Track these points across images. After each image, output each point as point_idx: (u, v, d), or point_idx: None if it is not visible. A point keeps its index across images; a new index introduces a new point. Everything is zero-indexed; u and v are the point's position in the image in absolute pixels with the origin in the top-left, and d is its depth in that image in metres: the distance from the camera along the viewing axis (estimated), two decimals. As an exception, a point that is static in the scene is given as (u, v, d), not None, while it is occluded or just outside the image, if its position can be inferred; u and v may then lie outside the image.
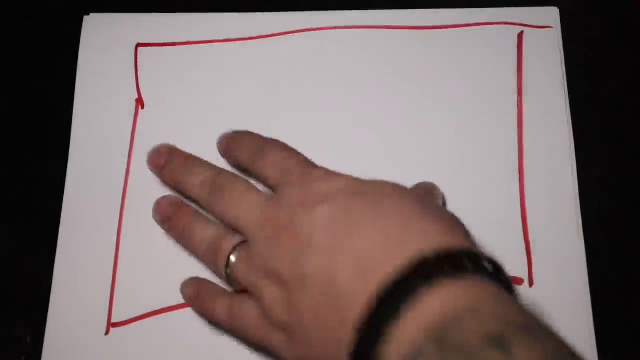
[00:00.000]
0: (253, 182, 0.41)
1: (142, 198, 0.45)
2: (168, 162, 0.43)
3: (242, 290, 0.38)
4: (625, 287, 0.43)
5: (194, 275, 0.43)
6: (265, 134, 0.45)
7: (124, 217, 0.45)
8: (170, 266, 0.44)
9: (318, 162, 0.46)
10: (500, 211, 0.44)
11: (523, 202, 0.44)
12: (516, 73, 0.47)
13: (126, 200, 0.45)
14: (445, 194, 0.44)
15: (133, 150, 0.47)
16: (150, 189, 0.45)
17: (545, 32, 0.48)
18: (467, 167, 0.45)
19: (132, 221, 0.45)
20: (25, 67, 0.50)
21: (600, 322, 0.41)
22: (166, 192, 0.45)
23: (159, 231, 0.44)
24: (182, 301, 0.42)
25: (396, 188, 0.36)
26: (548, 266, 0.43)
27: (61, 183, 0.46)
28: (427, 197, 0.41)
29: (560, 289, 0.42)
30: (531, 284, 0.42)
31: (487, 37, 0.48)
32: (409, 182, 0.45)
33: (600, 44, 0.48)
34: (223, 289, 0.40)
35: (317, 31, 0.49)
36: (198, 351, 0.42)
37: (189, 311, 0.43)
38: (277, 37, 0.49)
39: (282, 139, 0.46)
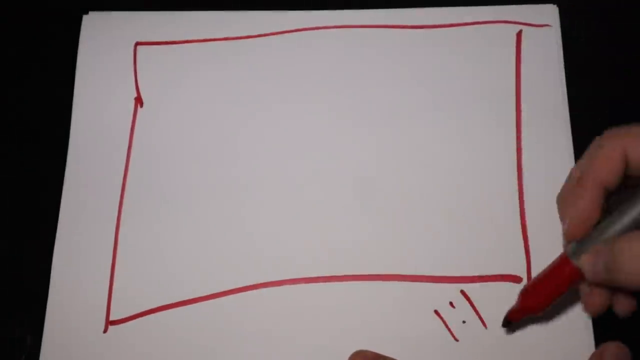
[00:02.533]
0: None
1: (140, 196, 0.45)
2: None
3: None
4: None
5: (193, 274, 0.43)
6: (264, 133, 0.46)
7: (122, 215, 0.45)
8: (168, 264, 0.44)
9: (317, 161, 0.46)
10: (499, 210, 0.44)
11: (522, 201, 0.44)
12: (515, 72, 0.47)
13: (125, 199, 0.45)
14: (444, 193, 0.44)
15: (132, 148, 0.47)
16: (149, 188, 0.46)
17: (544, 30, 0.48)
18: (466, 166, 0.45)
19: (130, 219, 0.45)
20: (24, 66, 0.50)
21: (599, 320, 0.41)
22: (165, 191, 0.45)
23: (157, 229, 0.45)
24: (179, 299, 0.43)
25: None
26: (547, 265, 0.42)
27: (60, 181, 0.46)
28: None
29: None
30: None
31: (485, 35, 0.48)
32: (407, 180, 0.45)
33: (600, 42, 0.48)
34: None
35: (315, 30, 0.49)
36: (196, 349, 0.42)
37: (187, 309, 0.43)
38: (276, 35, 0.49)
39: (281, 139, 0.46)
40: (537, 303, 0.38)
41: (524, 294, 0.39)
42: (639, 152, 0.34)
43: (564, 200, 0.36)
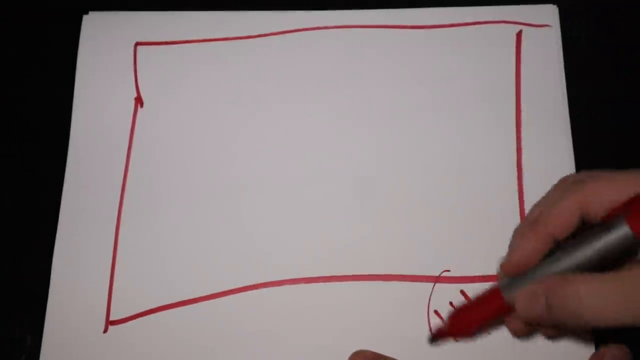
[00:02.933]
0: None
1: (140, 196, 0.45)
2: None
3: None
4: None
5: (193, 274, 0.43)
6: (264, 133, 0.45)
7: (122, 215, 0.45)
8: (168, 264, 0.44)
9: (317, 161, 0.46)
10: (499, 210, 0.44)
11: (521, 201, 0.44)
12: (515, 72, 0.47)
13: (125, 199, 0.45)
14: (443, 193, 0.44)
15: (132, 148, 0.47)
16: (149, 188, 0.46)
17: (544, 30, 0.48)
18: (466, 166, 0.45)
19: (130, 220, 0.45)
20: (24, 66, 0.50)
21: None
22: (165, 192, 0.45)
23: (157, 229, 0.45)
24: (179, 299, 0.43)
25: None
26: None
27: (60, 181, 0.46)
28: None
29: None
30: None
31: (486, 35, 0.48)
32: (407, 180, 0.45)
33: (600, 42, 0.48)
34: None
35: (315, 30, 0.49)
36: (196, 349, 0.42)
37: (186, 309, 0.43)
38: (276, 35, 0.49)
39: (281, 139, 0.46)
40: (464, 329, 0.39)
41: (451, 317, 0.39)
42: (597, 206, 0.34)
43: (515, 236, 0.37)
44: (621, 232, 0.33)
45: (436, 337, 0.40)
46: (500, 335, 0.41)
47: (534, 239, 0.35)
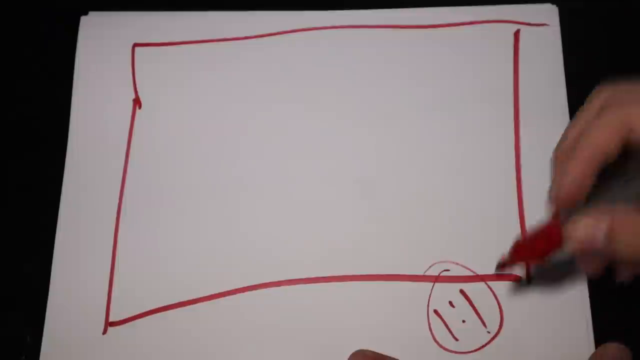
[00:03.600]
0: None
1: (139, 197, 0.45)
2: None
3: None
4: (623, 284, 0.43)
5: (193, 275, 0.43)
6: (262, 133, 0.45)
7: (121, 216, 0.45)
8: (167, 265, 0.44)
9: (317, 161, 0.46)
10: (498, 210, 0.44)
11: (521, 201, 0.44)
12: (513, 71, 0.47)
13: (123, 200, 0.45)
14: (442, 192, 0.44)
15: (130, 150, 0.47)
16: (148, 188, 0.46)
17: (543, 29, 0.48)
18: (465, 165, 0.45)
19: (129, 221, 0.45)
20: (24, 66, 0.50)
21: (598, 319, 0.41)
22: (164, 193, 0.45)
23: (155, 230, 0.45)
24: (179, 300, 0.43)
25: None
26: (546, 264, 0.43)
27: (59, 182, 0.46)
28: None
29: (558, 287, 0.42)
30: (529, 282, 0.42)
31: (484, 35, 0.48)
32: (406, 180, 0.45)
33: (600, 42, 0.48)
34: None
35: (315, 30, 0.49)
36: (195, 349, 0.42)
37: (186, 310, 0.43)
38: (275, 36, 0.49)
39: (280, 139, 0.46)
40: (526, 261, 0.39)
41: (514, 252, 0.38)
42: None
43: (556, 163, 0.35)
44: None
45: (500, 268, 0.39)
46: (501, 335, 0.41)
47: (580, 163, 0.33)
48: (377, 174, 0.45)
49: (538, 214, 0.43)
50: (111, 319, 0.43)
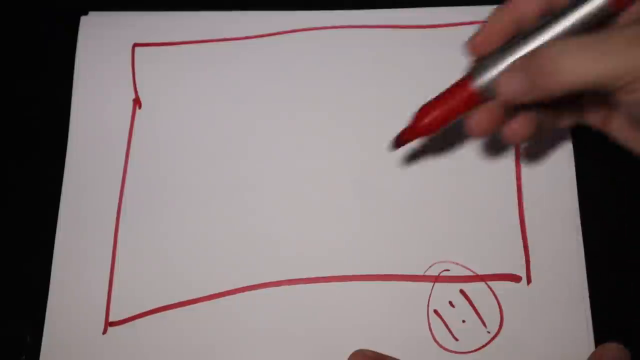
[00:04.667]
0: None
1: (139, 197, 0.45)
2: None
3: None
4: (623, 284, 0.43)
5: (192, 275, 0.43)
6: (262, 133, 0.45)
7: (121, 216, 0.45)
8: (167, 265, 0.44)
9: (317, 161, 0.46)
10: (498, 209, 0.44)
11: (521, 201, 0.44)
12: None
13: (123, 200, 0.46)
14: (442, 192, 0.44)
15: (130, 150, 0.47)
16: (148, 188, 0.46)
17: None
18: (465, 165, 0.45)
19: (129, 220, 0.45)
20: (24, 66, 0.50)
21: (598, 320, 0.41)
22: (164, 193, 0.45)
23: (156, 230, 0.45)
24: (179, 299, 0.43)
25: None
26: (546, 264, 0.43)
27: (59, 182, 0.46)
28: None
29: (558, 287, 0.42)
30: (529, 282, 0.42)
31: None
32: (407, 180, 0.45)
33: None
34: None
35: (315, 30, 0.49)
36: (195, 349, 0.42)
37: (186, 310, 0.43)
38: (275, 36, 0.49)
39: (279, 139, 0.46)
40: (433, 124, 0.38)
41: (419, 114, 0.38)
42: None
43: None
44: (595, 2, 0.34)
45: (400, 138, 0.40)
46: (501, 335, 0.41)
47: (502, 18, 0.36)
48: (377, 174, 0.45)
49: (538, 213, 0.44)
50: (111, 319, 0.43)
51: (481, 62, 0.36)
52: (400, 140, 0.40)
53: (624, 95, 0.34)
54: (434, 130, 0.38)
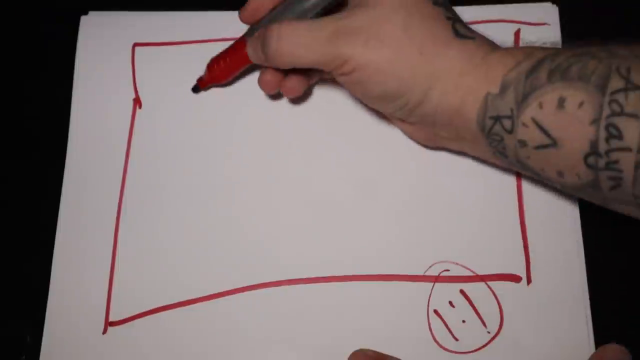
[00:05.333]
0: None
1: (139, 197, 0.45)
2: None
3: None
4: (624, 284, 0.43)
5: (192, 275, 0.43)
6: (262, 132, 0.45)
7: (121, 216, 0.45)
8: (167, 265, 0.44)
9: (318, 161, 0.46)
10: (498, 209, 0.44)
11: (521, 201, 0.44)
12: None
13: (124, 200, 0.46)
14: (443, 192, 0.44)
15: (131, 150, 0.47)
16: (148, 188, 0.46)
17: (543, 29, 0.48)
18: (465, 165, 0.45)
19: (129, 220, 0.45)
20: (24, 66, 0.50)
21: (598, 320, 0.41)
22: (164, 192, 0.45)
23: (156, 230, 0.45)
24: (179, 299, 0.43)
25: None
26: (546, 264, 0.43)
27: (59, 182, 0.46)
28: None
29: (558, 287, 0.42)
30: (529, 282, 0.42)
31: (484, 34, 0.48)
32: (407, 180, 0.45)
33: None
34: None
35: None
36: (195, 349, 0.42)
37: (186, 310, 0.43)
38: (274, 35, 0.49)
39: (280, 138, 0.46)
40: (220, 74, 0.46)
41: (210, 65, 0.45)
42: None
43: None
44: None
45: (197, 86, 0.47)
46: (501, 335, 0.41)
47: None
48: (378, 174, 0.45)
49: (538, 213, 0.44)
50: (111, 319, 0.43)
51: (252, 27, 0.43)
52: (197, 88, 0.47)
53: (339, 77, 0.40)
54: (222, 79, 0.46)
